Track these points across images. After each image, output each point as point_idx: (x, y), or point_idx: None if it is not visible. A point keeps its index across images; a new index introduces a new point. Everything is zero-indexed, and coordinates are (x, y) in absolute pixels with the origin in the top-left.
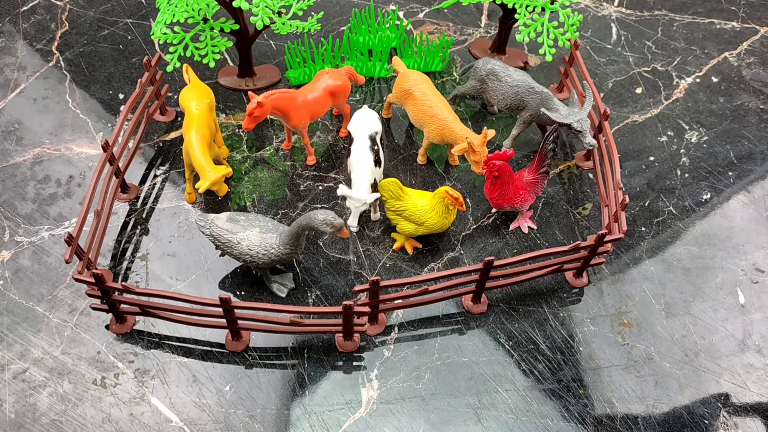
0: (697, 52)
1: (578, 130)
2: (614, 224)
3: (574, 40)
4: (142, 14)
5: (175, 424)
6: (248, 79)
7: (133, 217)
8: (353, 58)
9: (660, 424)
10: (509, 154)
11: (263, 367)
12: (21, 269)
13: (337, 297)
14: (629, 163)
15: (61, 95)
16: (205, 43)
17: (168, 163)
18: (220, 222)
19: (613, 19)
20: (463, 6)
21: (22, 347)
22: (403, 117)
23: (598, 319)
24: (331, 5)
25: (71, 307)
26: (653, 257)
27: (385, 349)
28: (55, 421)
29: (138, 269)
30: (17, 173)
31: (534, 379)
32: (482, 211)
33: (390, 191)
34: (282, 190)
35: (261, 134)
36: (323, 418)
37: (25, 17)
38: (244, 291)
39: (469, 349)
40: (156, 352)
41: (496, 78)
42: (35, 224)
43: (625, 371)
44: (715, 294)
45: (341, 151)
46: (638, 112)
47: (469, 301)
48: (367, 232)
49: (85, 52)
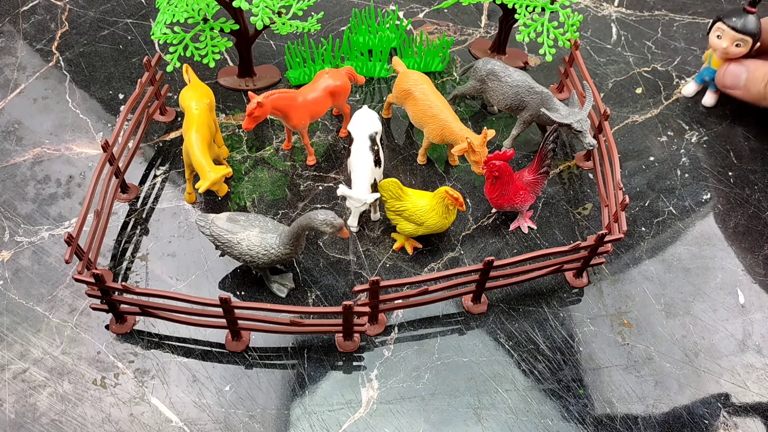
0: (697, 52)
1: (578, 130)
2: (614, 224)
3: (574, 40)
4: (142, 14)
5: (175, 424)
6: (248, 79)
7: (133, 217)
8: (353, 58)
9: (660, 424)
10: (509, 154)
11: (263, 367)
12: (21, 269)
13: (337, 297)
14: (629, 163)
15: (61, 95)
16: (205, 43)
17: (168, 163)
18: (220, 222)
19: (613, 19)
20: (463, 6)
21: (22, 347)
22: (403, 117)
23: (598, 319)
24: (331, 5)
25: (71, 307)
26: (653, 257)
27: (385, 349)
28: (55, 421)
29: (138, 269)
30: (17, 173)
31: (534, 379)
32: (482, 211)
33: (390, 191)
34: (282, 190)
35: (261, 134)
36: (323, 418)
37: (25, 17)
38: (244, 291)
39: (469, 349)
40: (156, 352)
41: (496, 78)
42: (35, 224)
43: (625, 371)
44: (715, 294)
45: (341, 151)
46: (638, 112)
47: (469, 301)
48: (367, 232)
49: (85, 52)
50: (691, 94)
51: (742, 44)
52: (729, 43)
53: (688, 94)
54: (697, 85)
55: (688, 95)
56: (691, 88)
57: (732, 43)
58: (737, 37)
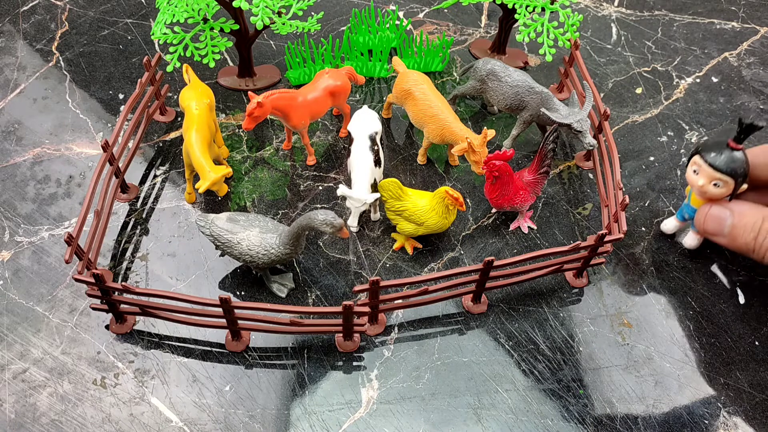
0: (697, 52)
1: (578, 130)
2: (614, 224)
3: (574, 40)
4: (142, 14)
5: (175, 424)
6: (248, 79)
7: (133, 217)
8: (353, 58)
9: (660, 424)
10: (509, 154)
11: (263, 367)
12: (21, 269)
13: (337, 297)
14: (629, 163)
15: (61, 95)
16: (205, 43)
17: (168, 163)
18: (220, 222)
19: (613, 19)
20: (463, 6)
21: (22, 347)
22: (403, 117)
23: (598, 319)
24: (331, 5)
25: (71, 307)
26: (653, 257)
27: (385, 349)
28: (55, 421)
29: (138, 269)
30: (17, 173)
31: (534, 379)
32: (482, 211)
33: (390, 191)
34: (282, 190)
35: (261, 134)
36: (323, 418)
37: (25, 17)
38: (244, 291)
39: (469, 349)
40: (156, 352)
41: (496, 78)
42: (35, 224)
43: (625, 371)
44: (715, 294)
45: (341, 151)
46: (638, 112)
47: (469, 301)
48: (367, 232)
49: (85, 52)
50: (670, 232)
51: (722, 185)
52: (706, 182)
53: (668, 231)
54: (678, 222)
55: (668, 232)
56: (671, 224)
57: (710, 182)
58: (715, 176)
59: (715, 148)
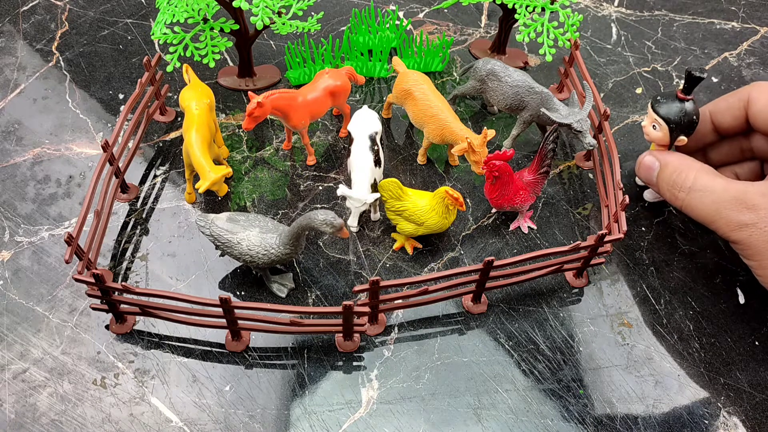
0: (697, 52)
1: (578, 130)
2: (614, 224)
3: (574, 40)
4: (142, 14)
5: (175, 424)
6: (248, 79)
7: (133, 217)
8: (353, 58)
9: (660, 424)
10: (509, 154)
11: (263, 367)
12: (21, 269)
13: (337, 297)
14: (629, 163)
15: (61, 95)
16: (205, 43)
17: (168, 163)
18: (220, 222)
19: (613, 19)
20: (463, 6)
21: (22, 347)
22: (403, 117)
23: (598, 319)
24: (331, 5)
25: (71, 307)
26: (653, 257)
27: (385, 349)
28: (55, 421)
29: (138, 269)
30: (17, 173)
31: (534, 379)
32: (482, 211)
33: (390, 191)
34: (282, 190)
35: (261, 134)
36: (323, 418)
37: (25, 17)
38: (244, 291)
39: (469, 349)
40: (156, 352)
41: (496, 78)
42: (35, 224)
43: (625, 371)
44: (715, 294)
45: (341, 151)
46: (638, 112)
47: (469, 301)
48: (367, 232)
49: (85, 52)
50: (651, 200)
51: (658, 128)
52: (647, 123)
53: (650, 199)
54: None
55: (650, 200)
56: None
57: (650, 124)
58: (653, 118)
59: (665, 97)
